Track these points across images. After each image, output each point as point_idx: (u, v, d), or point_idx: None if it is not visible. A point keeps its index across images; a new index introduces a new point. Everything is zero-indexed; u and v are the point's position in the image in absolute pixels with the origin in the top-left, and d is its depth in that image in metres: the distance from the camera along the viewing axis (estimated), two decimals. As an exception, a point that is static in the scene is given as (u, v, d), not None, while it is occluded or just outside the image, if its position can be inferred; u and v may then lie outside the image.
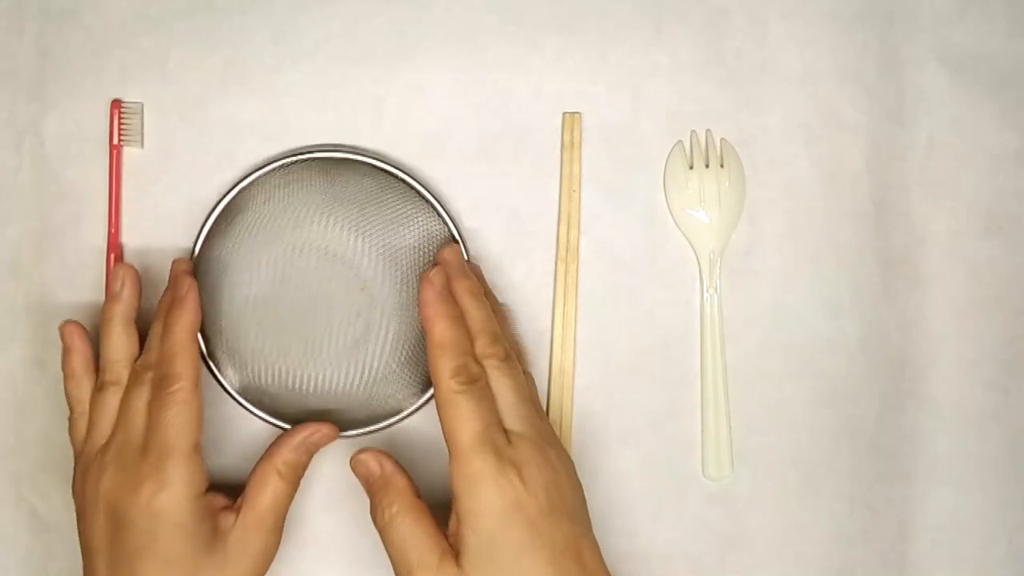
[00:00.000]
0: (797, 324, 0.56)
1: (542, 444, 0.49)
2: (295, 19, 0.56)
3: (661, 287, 0.56)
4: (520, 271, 0.56)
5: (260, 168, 0.54)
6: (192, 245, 0.54)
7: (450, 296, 0.50)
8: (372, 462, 0.51)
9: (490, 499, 0.47)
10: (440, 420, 0.48)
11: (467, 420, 0.47)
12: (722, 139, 0.57)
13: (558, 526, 0.47)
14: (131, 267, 0.53)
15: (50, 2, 0.56)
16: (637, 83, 0.57)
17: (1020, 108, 0.57)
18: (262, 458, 0.52)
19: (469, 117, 0.56)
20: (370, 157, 0.55)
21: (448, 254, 0.53)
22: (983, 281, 0.57)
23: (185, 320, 0.50)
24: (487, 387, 0.49)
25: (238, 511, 0.51)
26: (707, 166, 0.57)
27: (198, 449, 0.50)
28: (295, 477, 0.52)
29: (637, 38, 0.57)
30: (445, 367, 0.48)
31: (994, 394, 0.57)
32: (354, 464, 0.52)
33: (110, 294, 0.53)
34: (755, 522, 0.56)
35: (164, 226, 0.56)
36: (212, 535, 0.50)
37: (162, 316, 0.51)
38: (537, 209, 0.56)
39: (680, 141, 0.57)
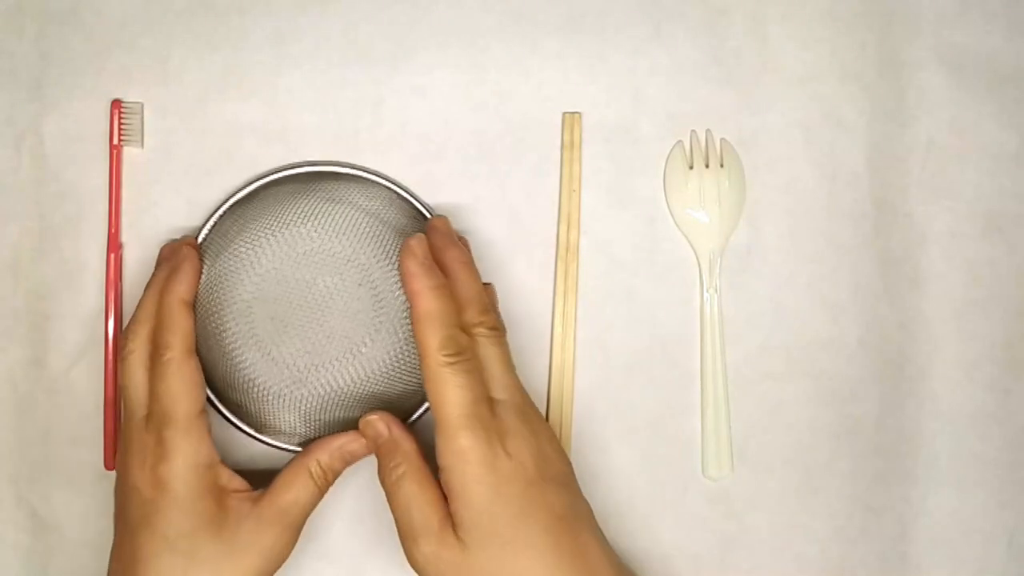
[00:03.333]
0: (797, 324, 0.57)
1: (527, 412, 0.49)
2: (295, 20, 0.56)
3: (661, 287, 0.56)
4: (520, 271, 0.56)
5: (265, 176, 0.55)
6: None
7: (434, 266, 0.49)
8: (380, 424, 0.51)
9: (480, 474, 0.47)
10: (427, 393, 0.48)
11: (454, 394, 0.47)
12: (722, 139, 0.57)
13: (549, 493, 0.48)
14: (193, 248, 0.53)
15: (50, 2, 0.56)
16: (637, 83, 0.57)
17: (1020, 108, 0.57)
18: (296, 456, 0.52)
19: (469, 117, 0.56)
20: (374, 174, 0.55)
21: (438, 222, 0.53)
22: (983, 281, 0.57)
23: (178, 287, 0.51)
24: (475, 358, 0.49)
25: (257, 501, 0.50)
26: (707, 166, 0.57)
27: (199, 418, 0.50)
28: (325, 482, 0.52)
29: (637, 38, 0.57)
30: (432, 340, 0.48)
31: (994, 394, 0.57)
32: (363, 425, 0.51)
33: (174, 269, 0.51)
34: (755, 522, 0.56)
35: (164, 226, 0.56)
36: (217, 516, 0.49)
37: (155, 287, 0.51)
38: (537, 209, 0.56)
39: (680, 141, 0.57)
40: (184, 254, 0.52)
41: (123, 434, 0.51)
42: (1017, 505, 0.57)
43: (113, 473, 0.55)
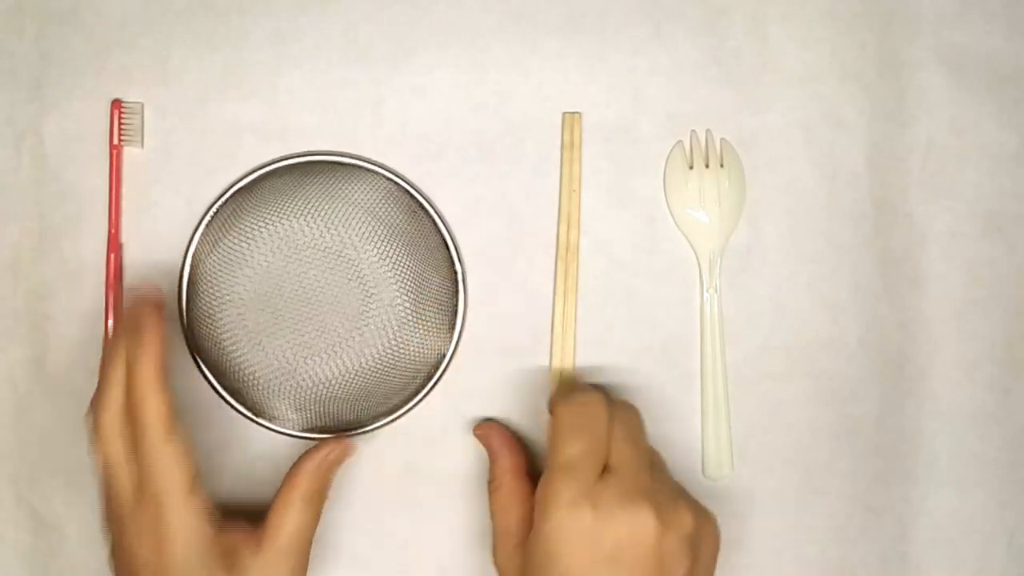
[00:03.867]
0: (797, 324, 0.57)
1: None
2: (295, 19, 0.56)
3: (661, 287, 0.56)
4: (520, 271, 0.56)
5: (263, 167, 0.55)
6: (187, 243, 0.55)
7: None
8: (493, 435, 0.54)
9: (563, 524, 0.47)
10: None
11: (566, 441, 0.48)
12: (722, 139, 0.57)
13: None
14: (156, 311, 0.50)
15: (50, 2, 0.56)
16: (637, 83, 0.57)
17: (1020, 108, 0.57)
18: (282, 486, 0.51)
19: (469, 117, 0.56)
20: (370, 163, 0.55)
21: None
22: (983, 281, 0.57)
23: (147, 363, 0.48)
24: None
25: (259, 542, 0.50)
26: (707, 166, 0.57)
27: (194, 487, 0.48)
28: (318, 501, 0.52)
29: (637, 38, 0.57)
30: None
31: (994, 394, 0.57)
32: (476, 431, 0.55)
33: (139, 333, 0.48)
34: (755, 522, 0.56)
35: (164, 226, 0.56)
36: (224, 570, 0.48)
37: (118, 355, 0.48)
38: (537, 209, 0.56)
39: (680, 141, 0.57)
40: (146, 323, 0.49)
41: (112, 511, 0.49)
42: (1017, 505, 0.57)
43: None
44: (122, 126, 0.55)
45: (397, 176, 0.55)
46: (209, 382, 0.54)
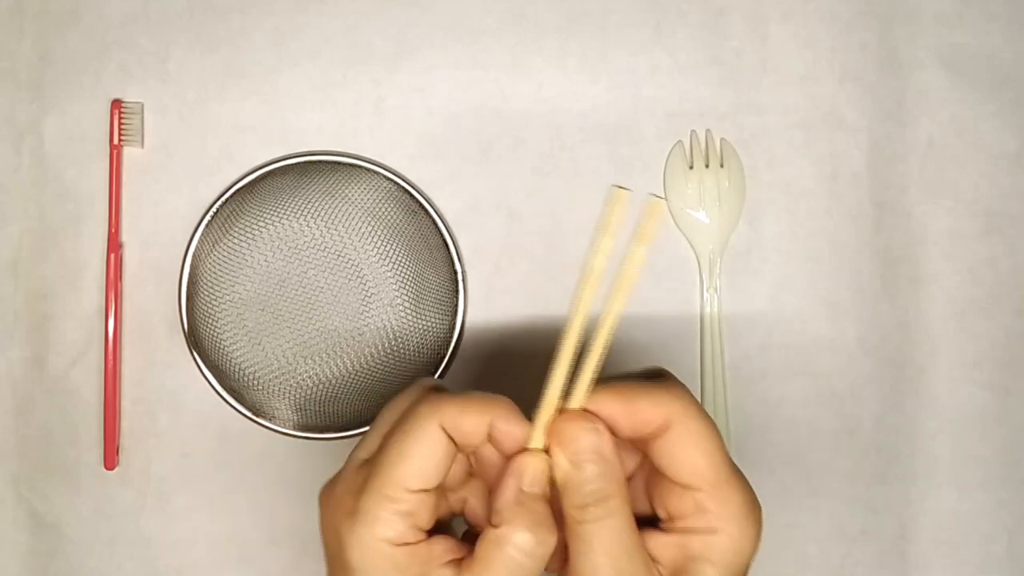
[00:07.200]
0: (797, 324, 0.57)
1: None
2: (295, 19, 0.56)
3: (661, 287, 0.56)
4: (520, 271, 0.56)
5: (263, 167, 0.55)
6: (187, 243, 0.54)
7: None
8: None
9: None
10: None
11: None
12: (722, 139, 0.57)
13: None
14: None
15: (50, 2, 0.56)
16: (637, 83, 0.57)
17: (1019, 108, 0.57)
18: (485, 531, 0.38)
19: (469, 117, 0.56)
20: (370, 163, 0.55)
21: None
22: (983, 281, 0.57)
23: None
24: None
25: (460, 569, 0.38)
26: (707, 166, 0.57)
27: (424, 490, 0.38)
28: (547, 524, 0.38)
29: (637, 38, 0.57)
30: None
31: (994, 394, 0.57)
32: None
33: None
34: (755, 522, 0.56)
35: (164, 226, 0.56)
36: None
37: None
38: (536, 209, 0.56)
39: (680, 141, 0.57)
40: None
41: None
42: (1017, 505, 0.57)
43: (112, 472, 0.55)
44: (122, 126, 0.55)
45: (397, 176, 0.55)
46: (209, 382, 0.54)
